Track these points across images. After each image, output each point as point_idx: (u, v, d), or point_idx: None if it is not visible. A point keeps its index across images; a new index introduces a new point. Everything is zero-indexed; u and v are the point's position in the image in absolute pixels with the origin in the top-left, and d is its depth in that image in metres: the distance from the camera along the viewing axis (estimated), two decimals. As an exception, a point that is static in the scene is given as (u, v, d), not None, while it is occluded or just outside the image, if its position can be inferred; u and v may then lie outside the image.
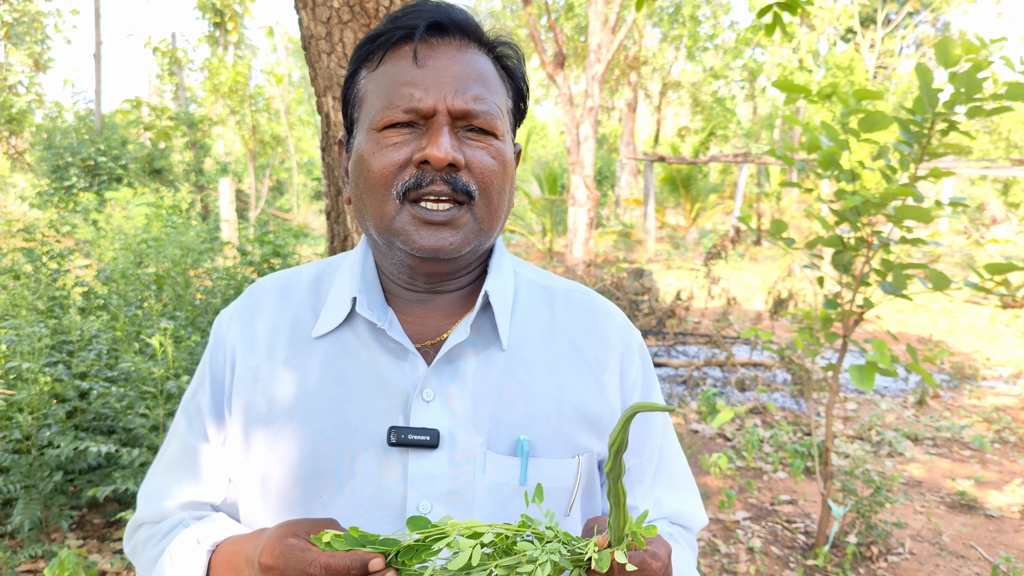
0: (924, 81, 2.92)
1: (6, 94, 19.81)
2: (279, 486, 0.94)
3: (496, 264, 1.01)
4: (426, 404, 0.93)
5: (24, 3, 23.91)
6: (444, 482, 0.92)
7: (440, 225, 0.89)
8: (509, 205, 0.97)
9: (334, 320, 0.98)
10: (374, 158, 0.89)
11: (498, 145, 0.92)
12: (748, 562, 3.58)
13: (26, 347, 3.41)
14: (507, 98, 0.97)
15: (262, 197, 16.23)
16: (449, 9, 0.92)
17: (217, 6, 21.87)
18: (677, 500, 1.09)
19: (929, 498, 4.42)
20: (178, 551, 0.94)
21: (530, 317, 1.02)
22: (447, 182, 0.88)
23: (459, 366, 0.95)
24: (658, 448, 1.08)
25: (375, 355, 0.95)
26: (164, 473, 1.05)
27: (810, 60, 22.66)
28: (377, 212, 0.91)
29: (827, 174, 3.32)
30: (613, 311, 1.09)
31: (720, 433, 5.49)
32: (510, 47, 0.98)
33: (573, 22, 21.69)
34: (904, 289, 3.23)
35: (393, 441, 0.90)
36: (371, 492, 0.91)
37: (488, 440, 0.94)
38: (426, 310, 1.00)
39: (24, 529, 3.12)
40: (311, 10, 2.23)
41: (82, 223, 9.32)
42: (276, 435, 0.95)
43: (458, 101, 0.88)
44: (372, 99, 0.92)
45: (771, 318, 8.56)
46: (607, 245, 17.66)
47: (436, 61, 0.89)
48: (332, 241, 2.53)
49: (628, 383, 1.05)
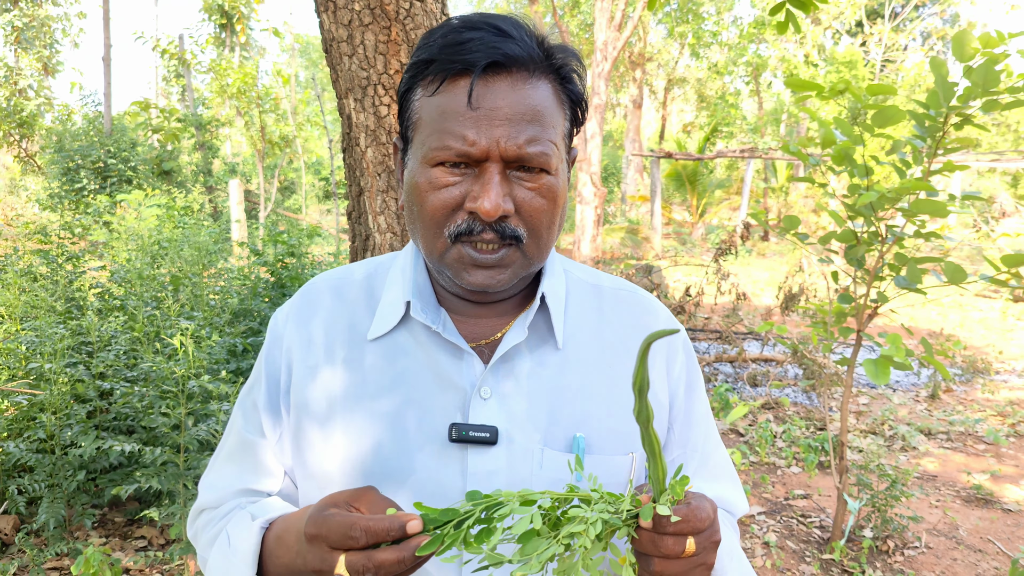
0: (939, 75, 2.93)
1: (16, 98, 19.91)
2: (340, 483, 0.96)
3: (550, 265, 1.03)
4: (484, 402, 0.95)
5: (33, 8, 24.01)
6: (502, 478, 0.94)
7: (490, 268, 0.91)
8: (560, 226, 0.98)
9: (390, 322, 1.00)
10: (427, 196, 0.90)
11: (550, 182, 0.91)
12: (764, 556, 3.60)
13: (47, 348, 3.45)
14: (564, 120, 0.95)
15: (271, 198, 16.28)
16: (507, 41, 0.88)
17: (224, 8, 21.93)
18: (719, 488, 1.12)
19: (944, 492, 4.43)
20: (235, 529, 0.97)
21: (581, 316, 1.04)
22: (496, 231, 0.89)
23: (515, 365, 0.98)
24: (701, 439, 1.11)
25: (432, 355, 0.98)
26: (223, 465, 1.09)
27: (815, 55, 22.60)
28: (428, 245, 0.93)
29: (840, 169, 3.33)
30: (658, 308, 1.11)
31: (733, 428, 5.51)
32: (575, 61, 0.95)
33: (578, 19, 21.69)
34: (919, 283, 3.24)
35: (454, 437, 0.93)
36: (431, 488, 0.93)
37: (545, 437, 0.96)
38: (479, 311, 1.02)
39: (49, 527, 3.17)
40: (332, 13, 2.25)
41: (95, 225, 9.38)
42: (336, 432, 0.97)
43: (511, 147, 0.87)
44: (426, 129, 0.91)
45: (782, 313, 8.56)
46: (614, 242, 17.67)
47: (491, 101, 0.87)
48: (354, 241, 2.56)
49: (673, 377, 1.07)
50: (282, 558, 0.89)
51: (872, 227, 3.31)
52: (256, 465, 1.06)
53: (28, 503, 3.48)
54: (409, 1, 2.22)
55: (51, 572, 3.22)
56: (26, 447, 3.28)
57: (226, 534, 0.98)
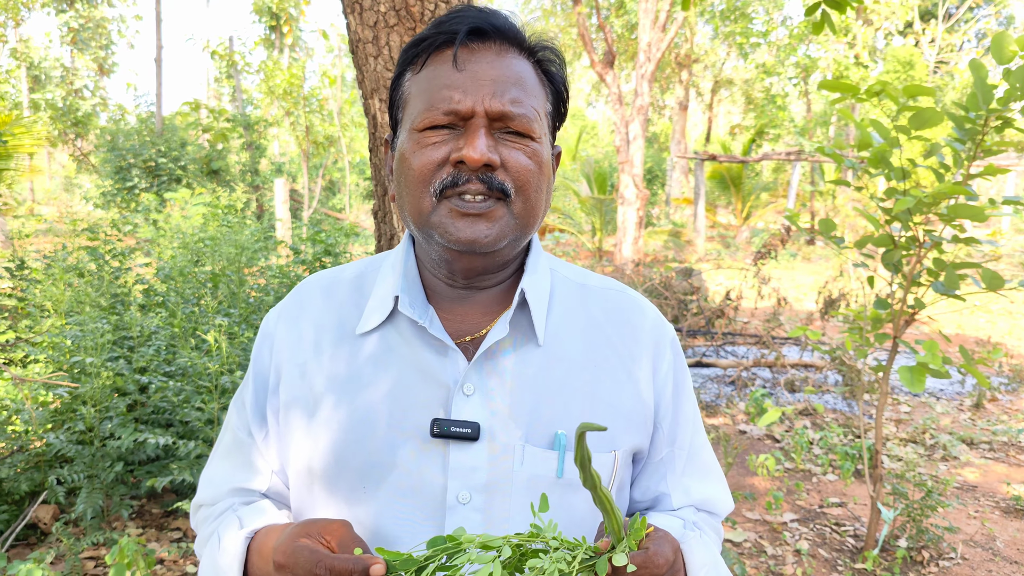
0: (978, 77, 2.86)
1: (72, 98, 20.50)
2: (324, 476, 0.98)
3: (532, 262, 1.04)
4: (467, 398, 0.96)
5: (89, 9, 24.71)
6: (483, 473, 0.95)
7: (476, 217, 0.92)
8: (546, 205, 1.00)
9: (377, 318, 1.01)
10: (414, 157, 0.93)
11: (534, 147, 0.94)
12: (795, 564, 3.55)
13: (89, 342, 3.55)
14: (546, 101, 0.99)
15: (315, 197, 16.52)
16: (491, 15, 0.95)
17: (273, 9, 22.31)
18: (704, 487, 1.12)
19: (984, 503, 4.31)
20: (225, 533, 1.00)
21: (566, 314, 1.05)
22: (483, 181, 0.90)
23: (498, 362, 0.99)
24: (688, 438, 1.11)
25: (417, 351, 0.99)
26: (219, 461, 1.12)
27: (866, 56, 22.14)
28: (415, 208, 0.94)
29: (877, 172, 3.27)
30: (646, 307, 1.11)
31: (768, 434, 5.43)
32: (551, 52, 1.00)
33: (623, 20, 21.57)
34: (957, 289, 3.16)
35: (435, 433, 0.94)
36: (412, 482, 0.95)
37: (526, 434, 0.97)
38: (465, 307, 1.03)
39: (87, 517, 3.26)
40: (359, 15, 2.28)
41: (143, 223, 9.62)
42: (321, 427, 0.99)
43: (495, 103, 0.91)
44: (414, 101, 0.95)
45: (822, 318, 8.41)
46: (657, 244, 17.54)
47: (476, 65, 0.92)
48: (379, 240, 2.59)
49: (660, 377, 1.07)
50: (261, 569, 0.93)
51: (909, 232, 3.25)
52: (246, 463, 1.09)
53: (67, 493, 3.58)
54: (434, 2, 2.25)
55: (88, 561, 3.32)
56: (66, 438, 3.38)
57: (217, 536, 1.01)
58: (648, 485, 1.10)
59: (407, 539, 0.94)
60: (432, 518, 0.95)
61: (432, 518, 0.95)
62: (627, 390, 1.03)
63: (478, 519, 0.94)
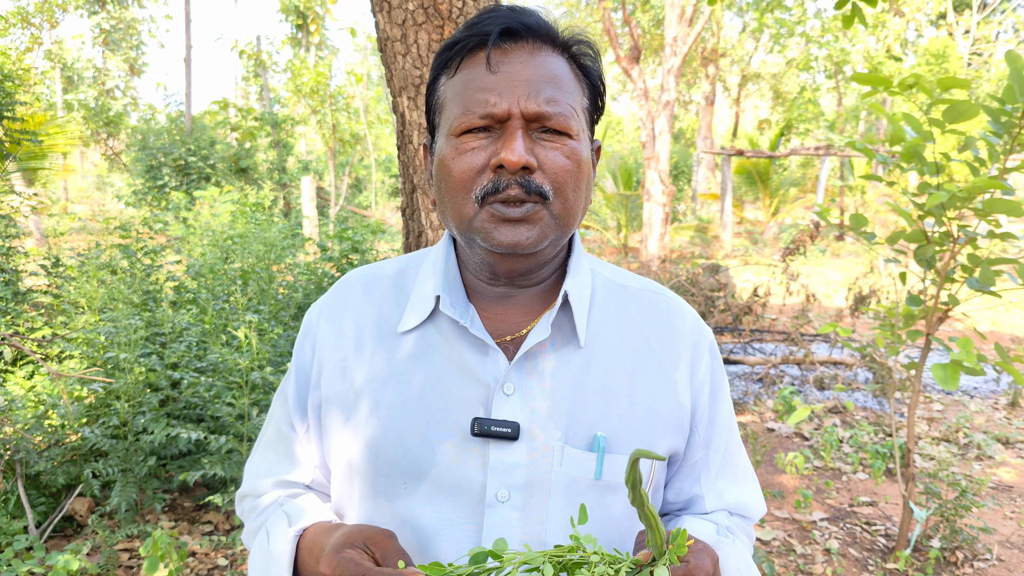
0: (1014, 68, 2.81)
1: (104, 98, 20.81)
2: (365, 473, 1.00)
3: (575, 263, 1.04)
4: (507, 398, 0.96)
5: (120, 10, 25.06)
6: (522, 473, 0.95)
7: (517, 222, 0.92)
8: (587, 202, 1.00)
9: (419, 316, 1.02)
10: (454, 163, 0.93)
11: (572, 145, 0.94)
12: (825, 563, 3.51)
13: (123, 339, 3.61)
14: (582, 96, 0.99)
15: (342, 194, 16.63)
16: (521, 13, 0.95)
17: (300, 8, 22.47)
18: (738, 490, 1.12)
19: (1020, 503, 4.24)
20: (273, 528, 1.02)
21: (606, 315, 1.05)
22: (521, 185, 0.91)
23: (538, 362, 0.99)
24: (724, 441, 1.10)
25: (458, 350, 0.99)
26: (263, 453, 1.14)
27: (898, 48, 21.81)
28: (457, 213, 0.95)
29: (910, 167, 3.22)
30: (685, 310, 1.11)
31: (798, 432, 5.38)
32: (586, 45, 1.00)
33: (649, 14, 21.45)
34: (992, 285, 3.11)
35: (476, 431, 0.94)
36: (452, 480, 0.95)
37: (566, 435, 0.97)
38: (506, 307, 1.03)
39: (121, 510, 3.32)
40: (387, 13, 2.29)
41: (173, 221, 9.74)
42: (363, 424, 1.00)
43: (531, 104, 0.91)
44: (451, 105, 0.96)
45: (852, 315, 8.32)
46: (683, 241, 17.44)
47: (509, 66, 0.92)
48: (407, 237, 2.61)
49: (698, 380, 1.07)
50: (311, 567, 0.95)
51: (943, 227, 3.19)
52: (289, 455, 1.11)
53: (102, 487, 3.65)
54: (463, 0, 2.25)
55: (122, 553, 3.37)
56: (101, 432, 3.44)
57: (265, 531, 1.03)
58: (682, 487, 1.10)
59: (445, 535, 0.95)
60: (471, 515, 0.95)
61: (471, 515, 0.95)
62: (665, 393, 1.03)
63: (516, 517, 0.95)
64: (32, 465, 3.39)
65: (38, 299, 5.31)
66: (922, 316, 3.36)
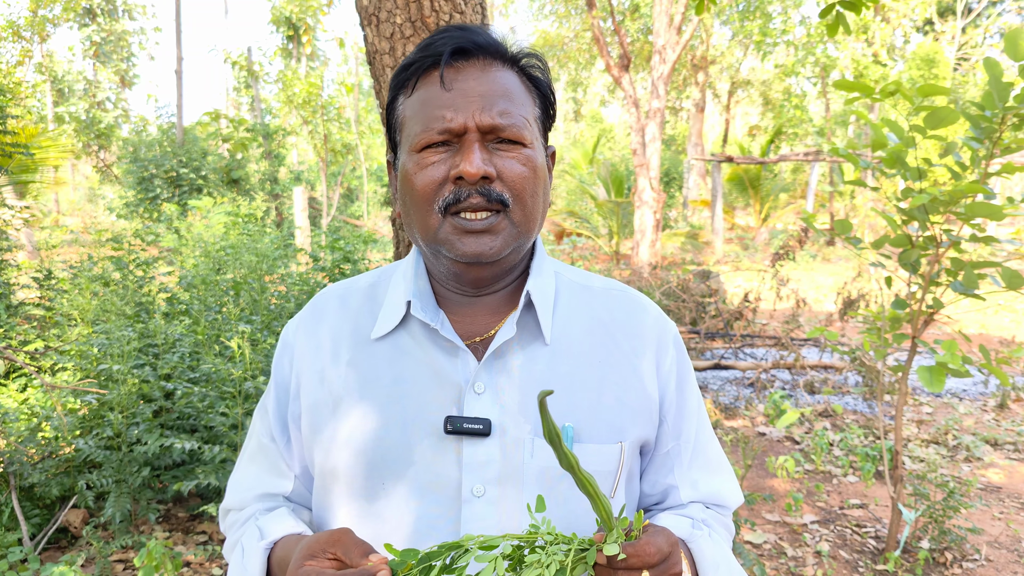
0: (993, 75, 2.86)
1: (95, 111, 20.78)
2: (346, 475, 1.03)
3: (537, 265, 1.10)
4: (478, 396, 1.01)
5: (111, 23, 25.06)
6: (496, 467, 0.99)
7: (480, 233, 0.97)
8: (545, 206, 1.05)
9: (391, 322, 1.07)
10: (416, 177, 0.98)
11: (527, 153, 0.99)
12: (815, 566, 3.54)
13: (116, 350, 3.62)
14: (534, 107, 1.04)
15: (334, 204, 16.65)
16: (471, 32, 1.00)
17: (291, 20, 22.52)
18: (712, 480, 1.16)
19: (1009, 504, 4.28)
20: (247, 542, 1.06)
21: (571, 314, 1.10)
22: (482, 194, 0.96)
23: (507, 361, 1.03)
24: (694, 431, 1.15)
25: (430, 353, 1.04)
26: (246, 466, 1.18)
27: (884, 54, 21.97)
28: (423, 225, 1.00)
29: (892, 172, 3.27)
30: (648, 305, 1.17)
31: (788, 436, 5.42)
32: (534, 58, 1.06)
33: (639, 23, 21.56)
34: (976, 288, 3.16)
35: (449, 430, 0.99)
36: (429, 478, 1.00)
37: (535, 428, 1.01)
38: (474, 310, 1.08)
39: (115, 521, 3.32)
40: (375, 27, 2.33)
41: (165, 232, 9.74)
42: (342, 429, 1.04)
43: (485, 117, 0.96)
44: (410, 123, 1.01)
45: (841, 319, 8.37)
46: (674, 247, 17.50)
47: (463, 83, 0.98)
48: (397, 247, 2.64)
49: (664, 371, 1.11)
50: None
51: (926, 231, 3.24)
52: (271, 467, 1.14)
53: (96, 498, 3.65)
54: (449, 14, 2.29)
55: (116, 564, 3.38)
56: (95, 444, 3.45)
57: (241, 546, 1.07)
58: (656, 478, 1.14)
59: (424, 532, 0.99)
60: (449, 511, 0.99)
61: (449, 511, 0.99)
62: (632, 384, 1.07)
63: (492, 511, 0.99)
64: (26, 477, 3.40)
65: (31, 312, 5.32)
66: (908, 319, 3.40)
